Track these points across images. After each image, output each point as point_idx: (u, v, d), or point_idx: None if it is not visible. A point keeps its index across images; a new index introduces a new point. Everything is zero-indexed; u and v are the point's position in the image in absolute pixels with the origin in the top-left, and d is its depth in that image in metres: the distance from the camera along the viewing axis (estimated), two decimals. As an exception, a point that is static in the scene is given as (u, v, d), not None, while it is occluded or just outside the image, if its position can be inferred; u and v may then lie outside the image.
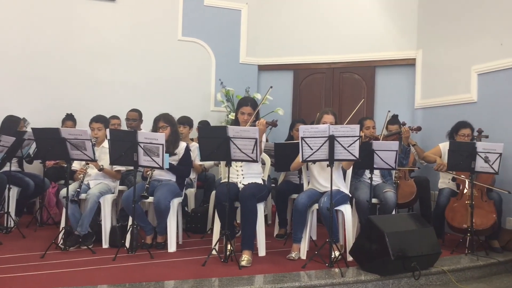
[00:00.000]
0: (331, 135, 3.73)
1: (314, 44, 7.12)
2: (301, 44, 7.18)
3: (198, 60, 7.08)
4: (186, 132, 5.65)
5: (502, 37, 5.24)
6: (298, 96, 7.32)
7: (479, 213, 4.53)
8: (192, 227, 5.21)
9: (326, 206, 3.90)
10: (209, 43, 7.13)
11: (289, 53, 7.25)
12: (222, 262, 3.82)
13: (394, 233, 3.65)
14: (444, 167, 4.87)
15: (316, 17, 7.12)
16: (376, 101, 6.89)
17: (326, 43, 7.05)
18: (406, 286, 3.77)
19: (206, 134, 3.97)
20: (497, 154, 4.37)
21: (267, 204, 5.71)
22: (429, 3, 6.42)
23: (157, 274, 3.49)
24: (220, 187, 4.08)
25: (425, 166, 5.72)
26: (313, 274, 3.64)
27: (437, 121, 6.01)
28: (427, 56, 6.41)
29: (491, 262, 4.29)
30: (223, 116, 6.94)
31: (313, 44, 7.12)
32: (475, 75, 5.59)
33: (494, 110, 5.32)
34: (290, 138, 5.74)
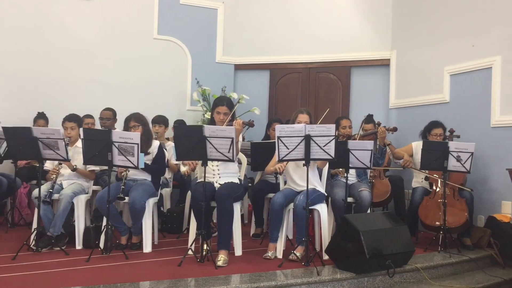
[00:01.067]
0: (307, 135, 3.75)
1: (291, 44, 7.14)
2: (278, 44, 7.20)
3: (174, 59, 7.02)
4: (161, 132, 5.62)
5: (473, 39, 5.35)
6: (275, 95, 7.34)
7: (451, 212, 4.62)
8: (167, 227, 5.17)
9: (301, 205, 3.92)
10: (185, 42, 7.08)
11: (266, 52, 7.26)
12: (198, 262, 3.79)
13: (369, 232, 3.69)
14: (410, 163, 4.98)
15: (292, 17, 7.15)
16: (352, 100, 6.96)
17: (302, 43, 7.09)
18: (381, 284, 3.82)
19: (182, 134, 3.93)
20: (469, 153, 4.47)
21: (244, 204, 5.71)
22: (402, 5, 6.51)
23: (132, 275, 3.44)
24: (196, 187, 4.06)
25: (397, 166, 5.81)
26: (289, 273, 3.65)
27: (411, 121, 6.10)
28: (401, 56, 6.51)
29: (463, 259, 4.38)
30: (199, 116, 6.91)
31: (289, 44, 7.15)
32: (448, 75, 5.70)
33: (465, 110, 5.43)
34: (266, 138, 5.75)
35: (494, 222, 4.77)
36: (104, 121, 5.79)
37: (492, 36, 5.12)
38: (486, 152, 5.06)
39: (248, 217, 5.83)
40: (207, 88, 6.77)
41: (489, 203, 5.06)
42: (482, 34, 5.25)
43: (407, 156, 5.11)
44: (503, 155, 4.93)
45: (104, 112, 5.84)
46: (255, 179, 5.49)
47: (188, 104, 7.06)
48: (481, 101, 5.22)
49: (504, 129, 4.97)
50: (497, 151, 5.00)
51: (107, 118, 5.78)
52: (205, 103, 6.78)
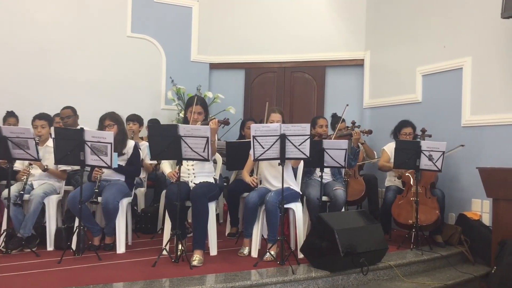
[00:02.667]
0: (283, 134, 3.76)
1: (266, 43, 7.15)
2: (253, 43, 7.19)
3: (148, 57, 6.94)
4: (136, 129, 5.55)
5: (445, 40, 5.46)
6: (250, 95, 7.33)
7: (423, 210, 4.70)
8: (142, 227, 5.12)
9: (272, 201, 3.95)
10: (159, 40, 7.01)
11: (241, 52, 7.24)
12: (173, 262, 3.76)
13: (344, 230, 3.72)
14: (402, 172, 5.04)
15: (267, 17, 7.15)
16: (326, 100, 7.00)
17: (278, 43, 7.10)
18: (355, 281, 3.86)
19: (156, 133, 3.89)
20: (440, 152, 4.56)
21: (219, 203, 5.69)
22: (376, 6, 6.59)
23: (105, 276, 3.39)
24: (170, 187, 4.03)
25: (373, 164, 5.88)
26: (264, 272, 3.65)
27: (384, 120, 6.18)
28: (375, 57, 6.59)
29: (435, 256, 4.46)
30: (174, 115, 6.85)
31: (264, 43, 7.15)
32: (420, 76, 5.80)
33: (437, 110, 5.54)
34: (241, 137, 5.75)
35: (465, 219, 4.88)
36: (65, 120, 5.56)
37: (462, 37, 5.23)
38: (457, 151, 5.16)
39: (223, 217, 5.82)
40: (182, 87, 6.72)
41: (459, 201, 5.17)
42: (453, 35, 5.36)
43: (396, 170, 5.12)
44: (473, 154, 5.04)
45: (64, 111, 5.56)
46: (230, 178, 5.47)
47: (162, 103, 6.99)
48: (452, 101, 5.33)
49: (474, 128, 5.08)
50: (468, 150, 5.10)
51: (67, 116, 5.56)
52: (180, 102, 6.73)
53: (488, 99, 4.94)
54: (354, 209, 5.38)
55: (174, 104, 6.77)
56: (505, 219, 4.35)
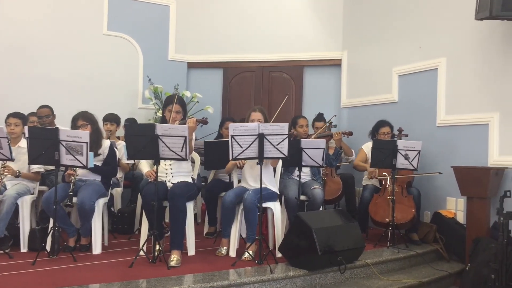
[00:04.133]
0: (261, 133, 3.76)
1: (244, 42, 7.14)
2: (231, 43, 7.18)
3: (124, 56, 6.86)
4: (113, 130, 5.49)
5: (420, 41, 5.54)
6: (228, 94, 7.32)
7: (399, 208, 4.76)
8: (118, 228, 5.07)
9: (250, 200, 3.96)
10: (136, 39, 6.93)
11: (219, 51, 7.22)
12: (150, 263, 3.73)
13: (321, 229, 3.74)
14: (376, 174, 5.10)
15: (246, 16, 7.15)
16: (304, 100, 7.04)
17: (256, 42, 7.10)
18: (332, 280, 3.89)
19: (134, 132, 3.84)
20: (416, 151, 4.63)
21: (197, 203, 5.67)
22: (353, 7, 6.65)
23: (81, 278, 3.34)
24: (148, 186, 3.98)
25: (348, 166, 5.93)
26: (242, 271, 3.65)
27: (361, 120, 6.24)
28: (352, 57, 6.65)
29: (411, 254, 4.52)
30: (152, 114, 6.78)
31: (243, 42, 7.15)
32: (396, 76, 5.88)
33: (413, 110, 5.62)
34: (219, 136, 5.73)
35: (440, 217, 4.96)
36: (44, 119, 5.46)
37: (438, 38, 5.32)
38: (433, 150, 5.25)
39: (201, 216, 5.80)
40: (159, 86, 6.67)
41: (435, 200, 5.26)
42: (428, 36, 5.44)
43: (370, 169, 5.18)
44: (448, 153, 5.13)
45: (41, 110, 5.46)
46: (208, 178, 5.46)
47: (139, 102, 6.91)
48: (427, 101, 5.41)
49: (449, 128, 5.17)
50: (443, 149, 5.20)
51: (46, 116, 5.47)
52: (157, 101, 6.67)
53: (462, 99, 5.04)
54: (332, 208, 5.43)
55: (151, 103, 6.70)
56: (478, 217, 4.45)
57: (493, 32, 4.69)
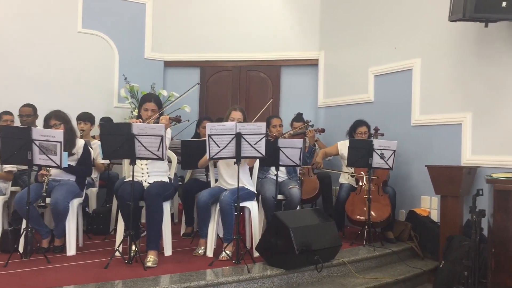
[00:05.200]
0: (238, 133, 3.76)
1: (221, 42, 7.12)
2: (208, 42, 7.15)
3: (100, 54, 6.75)
4: (87, 129, 5.40)
5: (396, 42, 5.61)
6: (205, 93, 7.28)
7: (375, 207, 4.82)
8: (93, 229, 5.00)
9: (226, 201, 3.95)
10: (112, 37, 6.83)
11: (196, 50, 7.18)
12: (126, 264, 3.68)
13: (299, 228, 3.76)
14: (319, 165, 5.18)
15: (223, 16, 7.12)
16: (282, 99, 7.05)
17: (233, 42, 7.09)
18: (309, 278, 3.91)
19: (109, 131, 3.79)
20: (392, 151, 4.69)
21: (174, 203, 5.62)
22: (330, 7, 6.69)
23: (55, 280, 3.28)
24: (123, 186, 3.93)
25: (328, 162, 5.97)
26: (220, 271, 3.64)
27: (338, 119, 6.29)
28: (329, 57, 6.69)
29: (386, 252, 4.58)
30: (128, 113, 6.70)
31: (220, 41, 7.12)
32: (372, 76, 5.94)
33: (388, 110, 5.69)
34: (196, 136, 5.70)
35: (414, 216, 5.04)
36: (24, 118, 5.43)
37: (412, 39, 5.40)
38: (407, 149, 5.33)
39: (178, 216, 5.75)
40: (136, 85, 6.58)
41: (409, 198, 5.33)
42: (403, 37, 5.52)
43: (319, 158, 5.28)
44: (422, 153, 5.21)
45: (24, 108, 5.46)
46: (185, 177, 5.42)
47: (115, 101, 6.82)
48: (402, 101, 5.48)
49: (423, 128, 5.25)
50: (417, 148, 5.28)
51: (27, 115, 5.43)
52: (133, 100, 6.59)
53: (436, 100, 5.12)
54: (309, 207, 5.45)
55: (127, 102, 6.62)
56: (452, 215, 4.53)
57: (466, 34, 4.78)
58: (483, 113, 4.66)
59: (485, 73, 4.64)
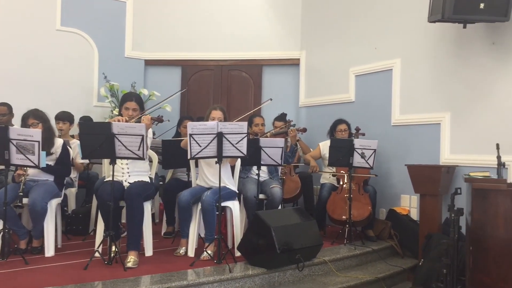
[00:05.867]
0: (220, 132, 3.74)
1: (203, 41, 7.09)
2: (190, 41, 7.11)
3: (79, 52, 6.65)
4: (66, 129, 5.31)
5: (376, 42, 5.67)
6: (186, 92, 7.24)
7: (356, 206, 4.86)
8: (72, 229, 4.93)
9: (208, 201, 3.93)
10: (91, 35, 6.73)
11: (177, 48, 7.14)
12: (106, 265, 3.63)
13: (280, 227, 3.76)
14: (316, 169, 5.20)
15: (204, 15, 7.09)
16: (263, 99, 7.05)
17: (215, 41, 7.06)
18: (291, 277, 3.92)
19: (88, 131, 3.73)
20: (372, 150, 4.73)
21: (155, 203, 5.58)
22: (311, 7, 6.72)
23: (33, 282, 3.22)
24: (103, 186, 3.89)
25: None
26: (201, 271, 3.62)
27: (319, 119, 6.32)
28: (310, 57, 6.72)
29: (367, 250, 4.62)
30: (107, 112, 6.62)
31: (201, 40, 7.09)
32: (353, 76, 5.98)
33: (369, 110, 5.74)
34: (177, 135, 5.67)
35: (394, 214, 5.09)
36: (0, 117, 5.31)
37: (392, 40, 5.45)
38: (387, 149, 5.38)
39: (159, 216, 5.71)
40: (116, 84, 6.51)
41: (389, 197, 5.39)
42: (384, 37, 5.57)
43: (313, 162, 5.34)
44: (402, 152, 5.27)
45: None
46: (166, 177, 5.39)
47: (95, 100, 6.73)
48: (383, 101, 5.54)
49: (403, 127, 5.31)
50: (397, 148, 5.34)
51: (2, 114, 5.29)
52: (113, 99, 6.52)
53: (415, 99, 5.19)
54: (290, 206, 5.47)
55: (107, 101, 6.54)
56: (431, 213, 4.60)
57: (445, 35, 4.85)
58: (461, 113, 4.74)
59: (463, 73, 4.72)
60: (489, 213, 3.11)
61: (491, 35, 4.47)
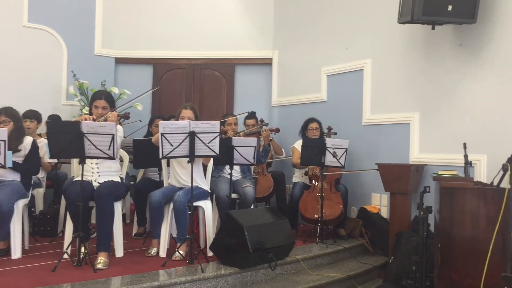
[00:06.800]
0: (192, 131, 3.72)
1: (175, 39, 7.02)
2: (161, 39, 7.03)
3: (47, 49, 6.49)
4: (33, 127, 5.18)
5: (348, 42, 5.72)
6: (158, 91, 7.15)
7: (328, 204, 4.90)
8: (40, 230, 4.81)
9: (180, 201, 3.91)
10: (60, 32, 6.58)
11: (149, 46, 7.05)
12: (75, 266, 3.57)
13: (253, 227, 3.76)
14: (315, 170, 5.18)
15: (176, 13, 7.03)
16: (236, 98, 7.04)
17: (187, 39, 7.01)
18: (263, 276, 3.92)
19: (57, 129, 3.64)
20: (344, 149, 4.78)
21: (125, 203, 5.51)
22: (283, 7, 6.74)
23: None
24: (72, 186, 3.81)
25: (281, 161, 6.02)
26: (173, 272, 3.59)
27: (292, 118, 6.35)
28: (283, 56, 6.74)
29: (338, 249, 4.66)
30: (77, 111, 6.48)
31: (173, 39, 7.02)
32: (325, 76, 6.03)
33: (341, 109, 5.79)
34: (149, 134, 5.60)
35: (365, 213, 5.16)
36: None
37: (363, 40, 5.52)
38: (359, 148, 5.45)
39: (130, 217, 5.63)
40: (85, 82, 6.38)
41: (360, 196, 5.46)
42: (355, 38, 5.63)
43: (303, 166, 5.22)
44: (373, 151, 5.34)
45: None
46: (137, 177, 5.32)
47: (63, 99, 6.58)
48: (354, 100, 5.60)
49: (374, 127, 5.39)
50: (368, 147, 5.41)
51: None
52: (82, 98, 6.39)
53: (386, 99, 5.26)
54: (263, 205, 5.47)
55: (76, 100, 6.40)
56: (400, 211, 4.67)
57: (415, 36, 4.94)
58: (430, 113, 4.83)
59: (432, 74, 4.81)
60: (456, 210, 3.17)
61: (459, 37, 4.57)
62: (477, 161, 4.31)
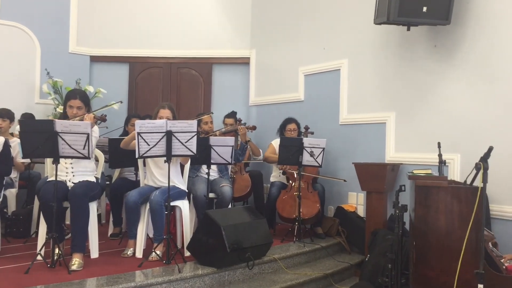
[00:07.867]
0: (169, 131, 3.69)
1: (151, 37, 6.95)
2: (138, 37, 6.94)
3: (20, 46, 6.34)
4: (5, 126, 5.08)
5: (325, 42, 5.76)
6: (135, 90, 7.08)
7: (305, 203, 4.92)
8: (13, 232, 4.71)
9: (156, 201, 3.88)
10: (33, 29, 6.43)
11: (125, 45, 6.95)
12: (49, 268, 3.50)
13: (230, 226, 3.75)
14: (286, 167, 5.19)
15: (153, 11, 6.95)
16: (213, 97, 7.02)
17: (164, 38, 6.94)
18: (241, 276, 3.92)
19: (30, 129, 3.56)
20: (321, 149, 4.81)
21: (101, 203, 5.42)
22: (261, 6, 6.75)
23: (-32, 288, 3.05)
24: (45, 186, 3.73)
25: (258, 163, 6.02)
26: (149, 272, 3.55)
27: (270, 118, 6.36)
28: (260, 56, 6.74)
29: (315, 247, 4.69)
30: (51, 109, 6.36)
31: (150, 37, 6.95)
32: (302, 75, 6.06)
33: (318, 109, 5.83)
34: (125, 134, 5.53)
35: (342, 211, 5.20)
36: None
37: (340, 40, 5.56)
38: (336, 147, 5.49)
39: (105, 217, 5.56)
40: (59, 80, 6.26)
41: (337, 195, 5.50)
42: (332, 38, 5.67)
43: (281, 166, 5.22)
44: (350, 150, 5.39)
45: None
46: (113, 176, 5.25)
47: (37, 97, 6.45)
48: (331, 100, 5.64)
49: (350, 126, 5.43)
50: (345, 146, 5.45)
51: None
52: (56, 96, 6.27)
53: (362, 99, 5.31)
54: (241, 205, 5.46)
55: (50, 98, 6.28)
56: (376, 210, 4.72)
57: (391, 36, 5.00)
58: (405, 113, 4.90)
59: (407, 75, 4.88)
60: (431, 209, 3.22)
61: (434, 38, 4.64)
62: (451, 160, 4.39)
